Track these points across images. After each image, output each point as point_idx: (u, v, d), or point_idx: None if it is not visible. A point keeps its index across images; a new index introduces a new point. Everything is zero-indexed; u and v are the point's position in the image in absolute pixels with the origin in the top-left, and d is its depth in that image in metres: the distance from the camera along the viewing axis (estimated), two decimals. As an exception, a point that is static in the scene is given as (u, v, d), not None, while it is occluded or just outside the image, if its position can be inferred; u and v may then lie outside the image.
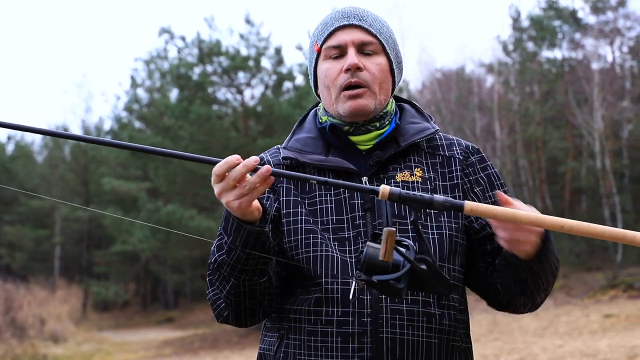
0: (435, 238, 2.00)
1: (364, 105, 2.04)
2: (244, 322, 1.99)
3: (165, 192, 27.17)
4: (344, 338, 1.92)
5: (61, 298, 28.60)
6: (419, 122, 2.17)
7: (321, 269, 1.96)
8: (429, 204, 1.65)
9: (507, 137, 31.40)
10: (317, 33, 2.13)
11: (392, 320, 1.92)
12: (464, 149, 2.17)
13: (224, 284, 1.89)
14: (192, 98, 24.04)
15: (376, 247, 1.63)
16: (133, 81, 34.57)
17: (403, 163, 2.09)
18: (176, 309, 38.15)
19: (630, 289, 20.58)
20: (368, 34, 2.07)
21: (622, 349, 11.46)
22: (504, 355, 12.19)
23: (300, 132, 2.19)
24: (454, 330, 2.01)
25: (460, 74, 36.47)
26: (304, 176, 1.73)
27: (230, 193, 1.71)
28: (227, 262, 1.84)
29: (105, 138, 1.86)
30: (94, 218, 38.23)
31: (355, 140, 2.11)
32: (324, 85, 2.10)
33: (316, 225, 2.01)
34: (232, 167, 1.68)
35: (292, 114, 22.41)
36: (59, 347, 21.69)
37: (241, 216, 1.76)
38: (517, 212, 1.66)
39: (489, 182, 2.15)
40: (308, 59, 2.21)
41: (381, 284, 1.62)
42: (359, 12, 2.10)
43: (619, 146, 29.40)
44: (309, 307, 1.96)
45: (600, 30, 30.83)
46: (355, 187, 1.71)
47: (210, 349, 21.53)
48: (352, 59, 2.03)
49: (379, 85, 2.07)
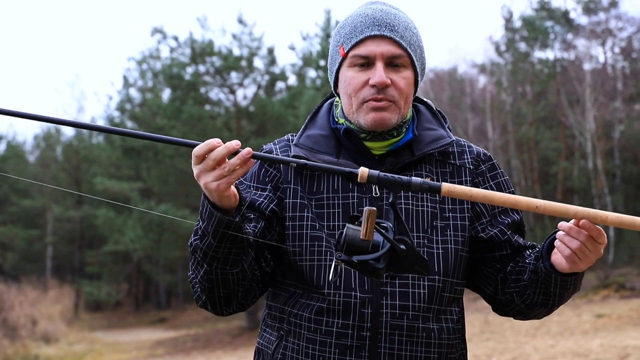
0: (440, 253, 2.00)
1: (388, 119, 2.00)
2: (219, 309, 1.97)
3: (158, 192, 27.14)
4: (342, 350, 1.92)
5: (53, 298, 28.54)
6: (435, 128, 2.14)
7: (325, 280, 1.95)
8: (407, 186, 1.67)
9: (500, 137, 31.46)
10: (344, 34, 2.05)
11: (391, 336, 1.92)
12: (475, 156, 2.16)
13: (198, 268, 1.88)
14: (184, 98, 24.00)
15: (356, 228, 1.63)
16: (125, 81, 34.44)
17: (414, 171, 2.06)
18: (168, 309, 38.08)
19: (622, 289, 20.63)
20: (399, 47, 2.00)
21: (613, 349, 11.48)
22: (496, 355, 12.20)
23: (313, 127, 2.15)
24: (452, 344, 2.02)
25: (453, 74, 36.49)
26: (284, 159, 1.73)
27: (209, 174, 1.70)
28: (200, 246, 1.83)
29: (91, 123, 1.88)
30: (86, 218, 38.09)
31: (369, 145, 2.07)
32: (346, 92, 2.04)
33: (322, 230, 1.99)
34: (213, 150, 1.68)
35: (284, 114, 22.39)
36: (50, 347, 21.64)
37: (218, 200, 1.75)
38: (491, 192, 1.69)
39: (498, 191, 2.13)
40: (330, 56, 2.13)
41: (361, 264, 1.63)
42: (391, 20, 2.01)
43: (610, 146, 29.46)
44: (310, 315, 1.96)
45: (592, 31, 30.91)
46: (334, 169, 1.71)
47: (202, 349, 21.50)
48: (381, 76, 1.96)
49: (405, 99, 2.03)
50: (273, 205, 2.03)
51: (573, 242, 1.78)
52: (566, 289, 1.93)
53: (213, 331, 24.65)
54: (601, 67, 31.55)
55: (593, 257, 1.80)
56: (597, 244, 1.77)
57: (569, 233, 1.78)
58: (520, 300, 2.04)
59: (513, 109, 31.21)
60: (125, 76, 34.31)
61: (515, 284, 2.03)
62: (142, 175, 29.50)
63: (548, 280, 1.91)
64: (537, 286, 1.95)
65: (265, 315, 2.15)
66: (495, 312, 2.18)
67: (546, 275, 1.90)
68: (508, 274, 2.07)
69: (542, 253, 1.93)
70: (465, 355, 2.11)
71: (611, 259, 24.42)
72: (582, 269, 1.84)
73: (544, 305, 2.01)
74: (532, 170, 30.56)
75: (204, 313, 29.75)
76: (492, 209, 2.10)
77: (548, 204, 1.67)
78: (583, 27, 31.37)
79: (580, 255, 1.79)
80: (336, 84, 2.12)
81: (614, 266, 24.14)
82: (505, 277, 2.08)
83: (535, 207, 1.67)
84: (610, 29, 31.62)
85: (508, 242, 2.09)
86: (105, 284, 34.36)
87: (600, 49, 32.19)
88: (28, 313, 22.87)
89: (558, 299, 1.97)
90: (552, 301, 1.98)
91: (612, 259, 24.45)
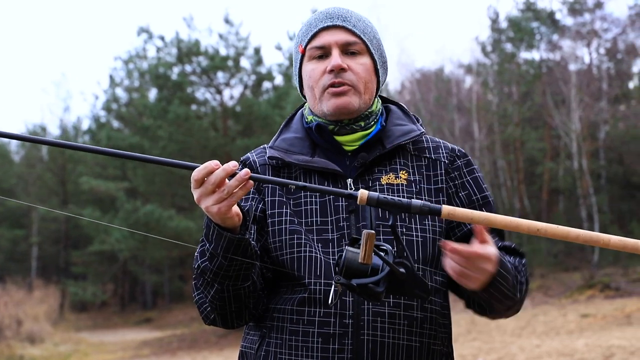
0: (419, 241, 2.00)
1: (348, 103, 2.03)
2: (230, 324, 1.98)
3: (144, 192, 27.06)
4: (324, 339, 1.92)
5: (38, 298, 28.41)
6: (405, 123, 2.16)
7: (304, 270, 1.96)
8: (407, 209, 1.65)
9: (486, 137, 31.56)
10: (301, 34, 2.12)
11: (374, 323, 1.92)
12: (450, 152, 2.16)
13: (208, 289, 1.89)
14: (170, 98, 23.97)
15: (355, 251, 1.63)
16: (112, 80, 34.37)
17: (388, 165, 2.08)
18: (154, 310, 37.98)
19: (606, 289, 20.75)
20: (352, 34, 2.05)
21: (598, 348, 11.55)
22: (482, 355, 12.24)
23: (287, 132, 2.18)
24: (435, 334, 2.01)
25: (439, 74, 36.59)
26: (282, 181, 1.70)
27: (209, 198, 1.69)
28: (210, 268, 1.83)
29: (83, 144, 1.79)
30: (71, 218, 37.95)
31: (341, 140, 2.09)
32: (309, 85, 2.09)
33: (300, 226, 2.00)
34: (211, 172, 1.67)
35: (271, 114, 22.39)
36: (35, 347, 21.52)
37: (221, 222, 1.75)
38: (492, 215, 1.66)
39: (476, 186, 2.14)
40: (293, 60, 2.20)
41: (360, 288, 1.62)
42: (343, 13, 2.08)
43: (596, 147, 29.63)
44: (292, 307, 1.96)
45: (577, 32, 31.09)
46: (334, 191, 1.69)
47: (188, 349, 21.47)
48: (336, 60, 2.02)
49: (364, 84, 2.05)
50: (261, 206, 2.06)
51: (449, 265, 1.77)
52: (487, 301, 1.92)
53: (199, 331, 24.59)
54: (586, 67, 31.73)
55: (478, 276, 1.77)
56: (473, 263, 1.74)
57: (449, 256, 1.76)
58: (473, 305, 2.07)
59: (499, 110, 31.33)
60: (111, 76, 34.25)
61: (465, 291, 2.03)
62: (128, 175, 29.43)
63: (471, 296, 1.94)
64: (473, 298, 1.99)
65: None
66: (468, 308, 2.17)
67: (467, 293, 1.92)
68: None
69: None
70: (451, 354, 2.11)
71: (596, 259, 24.55)
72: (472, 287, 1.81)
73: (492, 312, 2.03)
74: (518, 170, 30.68)
75: (190, 313, 29.70)
76: (468, 204, 2.11)
77: (549, 227, 1.64)
78: (569, 28, 31.56)
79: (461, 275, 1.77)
80: (301, 86, 2.17)
81: (599, 266, 24.27)
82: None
83: (537, 230, 1.64)
84: (596, 30, 31.81)
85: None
86: (91, 284, 34.24)
87: (585, 49, 32.41)
88: (13, 313, 22.76)
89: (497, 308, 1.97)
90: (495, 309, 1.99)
91: (597, 259, 24.58)
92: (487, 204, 2.13)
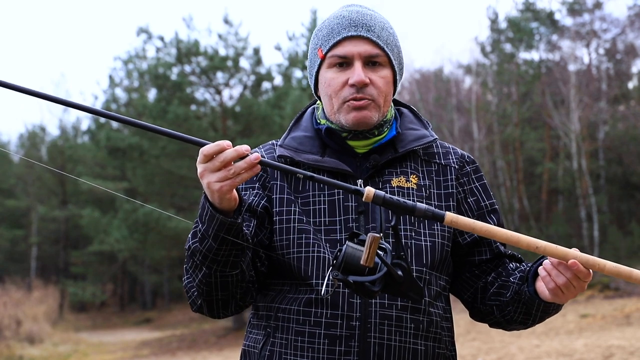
0: (428, 246, 2.00)
1: (369, 118, 2.02)
2: (216, 313, 1.97)
3: (143, 192, 27.03)
4: (331, 340, 1.92)
5: (38, 299, 28.39)
6: (418, 128, 2.16)
7: (312, 270, 1.96)
8: (411, 211, 1.66)
9: (485, 138, 31.55)
10: (322, 37, 2.08)
11: (381, 326, 1.92)
12: (460, 157, 2.18)
13: (196, 272, 1.88)
14: (170, 98, 23.94)
15: (355, 247, 1.63)
16: (111, 80, 34.30)
17: (399, 168, 2.08)
18: (154, 310, 37.98)
19: (606, 289, 20.74)
20: (375, 46, 2.03)
21: (598, 348, 11.54)
22: (482, 355, 12.24)
23: (297, 130, 2.17)
24: (440, 338, 2.02)
25: (439, 75, 36.56)
26: (290, 168, 1.71)
27: (214, 174, 1.69)
28: (200, 249, 1.82)
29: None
30: (71, 218, 37.94)
31: (353, 144, 2.09)
32: (326, 93, 2.07)
33: (309, 225, 2.00)
34: (222, 151, 1.67)
35: (270, 115, 22.38)
36: (35, 348, 21.52)
37: (218, 201, 1.74)
38: (494, 228, 1.69)
39: (484, 193, 2.17)
40: (309, 60, 2.16)
41: (356, 285, 1.62)
42: (367, 21, 2.04)
43: (595, 147, 29.62)
44: (299, 307, 1.96)
45: (576, 32, 31.09)
46: (340, 185, 1.70)
47: (188, 349, 21.46)
48: (359, 75, 1.99)
49: (384, 98, 2.05)
50: (263, 202, 2.05)
51: (560, 277, 1.80)
52: (548, 313, 1.97)
53: (199, 331, 24.60)
54: (586, 68, 31.74)
55: (577, 292, 1.82)
56: (582, 282, 1.78)
57: (556, 267, 1.80)
58: (500, 314, 2.07)
59: (498, 110, 31.32)
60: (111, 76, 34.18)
61: (497, 298, 2.05)
62: (128, 175, 29.39)
63: (531, 304, 1.94)
64: (519, 306, 1.99)
65: (251, 316, 2.14)
66: (472, 318, 2.21)
67: (530, 299, 1.93)
68: (489, 284, 2.09)
69: (528, 277, 1.96)
70: (454, 357, 2.12)
71: (595, 259, 24.49)
72: (563, 301, 1.88)
73: (522, 324, 2.05)
74: (517, 170, 30.68)
75: (190, 313, 29.67)
76: (477, 210, 2.13)
77: (548, 246, 1.70)
78: (568, 28, 31.55)
79: (564, 290, 1.81)
80: (316, 87, 2.14)
81: (599, 266, 24.22)
82: (486, 287, 2.10)
83: (536, 247, 1.70)
84: (595, 30, 31.82)
85: (488, 247, 2.12)
86: (90, 284, 34.24)
87: (584, 50, 32.43)
88: (12, 313, 22.76)
89: (538, 320, 2.01)
90: (532, 321, 2.02)
91: (596, 259, 24.52)
92: (494, 211, 2.16)
